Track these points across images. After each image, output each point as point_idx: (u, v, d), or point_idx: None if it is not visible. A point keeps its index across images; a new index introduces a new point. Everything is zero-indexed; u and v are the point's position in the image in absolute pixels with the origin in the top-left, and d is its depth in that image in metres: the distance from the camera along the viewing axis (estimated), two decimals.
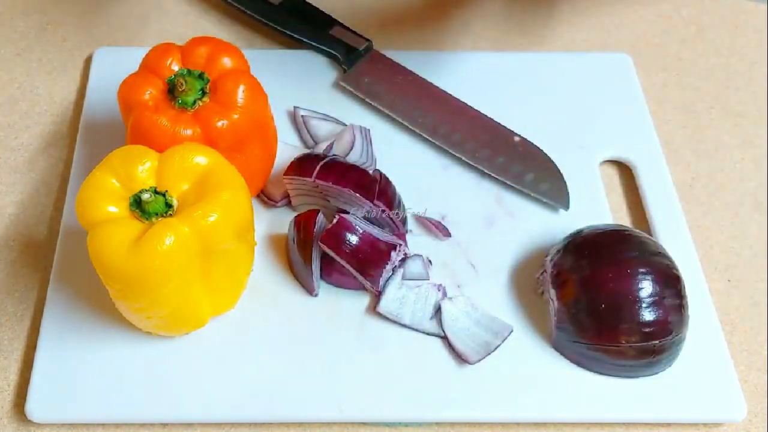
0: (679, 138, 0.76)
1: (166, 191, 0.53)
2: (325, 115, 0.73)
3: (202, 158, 0.54)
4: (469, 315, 0.61)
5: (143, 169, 0.54)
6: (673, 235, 0.67)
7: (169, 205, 0.53)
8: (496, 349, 0.60)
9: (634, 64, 0.80)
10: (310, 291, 0.63)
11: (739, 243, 0.70)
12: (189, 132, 0.58)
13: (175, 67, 0.59)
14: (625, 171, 0.73)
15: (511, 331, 0.61)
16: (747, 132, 0.77)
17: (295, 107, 0.73)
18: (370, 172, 0.64)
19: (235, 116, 0.59)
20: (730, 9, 0.87)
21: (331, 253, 0.61)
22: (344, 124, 0.72)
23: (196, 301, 0.57)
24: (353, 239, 0.61)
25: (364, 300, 0.63)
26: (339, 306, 0.63)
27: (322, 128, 0.72)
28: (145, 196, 0.51)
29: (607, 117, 0.75)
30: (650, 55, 0.83)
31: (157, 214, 0.52)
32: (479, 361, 0.60)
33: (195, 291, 0.56)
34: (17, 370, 0.60)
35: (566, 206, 0.69)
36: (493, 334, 0.61)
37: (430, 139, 0.72)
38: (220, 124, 0.58)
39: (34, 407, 0.57)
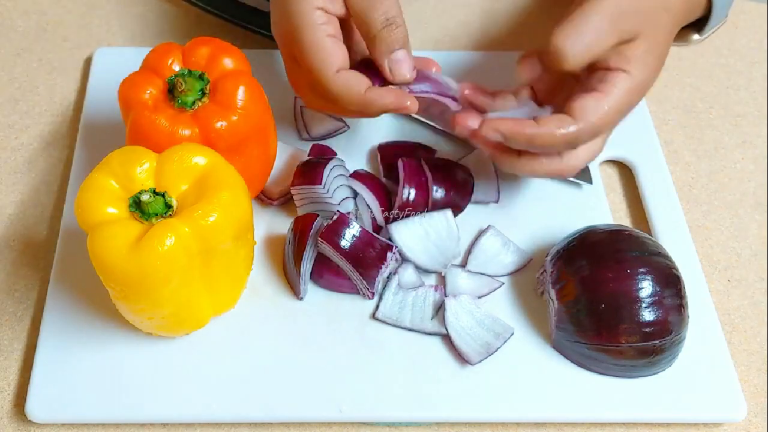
0: (679, 138, 0.76)
1: (165, 192, 0.53)
2: None
3: (200, 158, 0.54)
4: (472, 314, 0.61)
5: (142, 170, 0.54)
6: (673, 235, 0.67)
7: (168, 206, 0.53)
8: (496, 350, 0.60)
9: None
10: (296, 294, 0.63)
11: (739, 243, 0.70)
12: (187, 132, 0.57)
13: (176, 67, 0.59)
14: (625, 171, 0.73)
15: (512, 333, 0.61)
16: (747, 132, 0.77)
17: (296, 97, 0.73)
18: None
19: (234, 117, 0.59)
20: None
21: (330, 251, 0.61)
22: (341, 120, 0.72)
23: (197, 301, 0.57)
24: (352, 237, 0.61)
25: (363, 301, 0.63)
26: (339, 307, 0.63)
27: (315, 118, 0.72)
28: (145, 197, 0.51)
29: None
30: None
31: (156, 215, 0.52)
32: (480, 362, 0.60)
33: (195, 291, 0.56)
34: (17, 370, 0.60)
35: (590, 180, 0.70)
36: (495, 335, 0.61)
37: (441, 128, 0.72)
38: (219, 125, 0.58)
39: (34, 407, 0.57)
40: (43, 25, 0.82)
